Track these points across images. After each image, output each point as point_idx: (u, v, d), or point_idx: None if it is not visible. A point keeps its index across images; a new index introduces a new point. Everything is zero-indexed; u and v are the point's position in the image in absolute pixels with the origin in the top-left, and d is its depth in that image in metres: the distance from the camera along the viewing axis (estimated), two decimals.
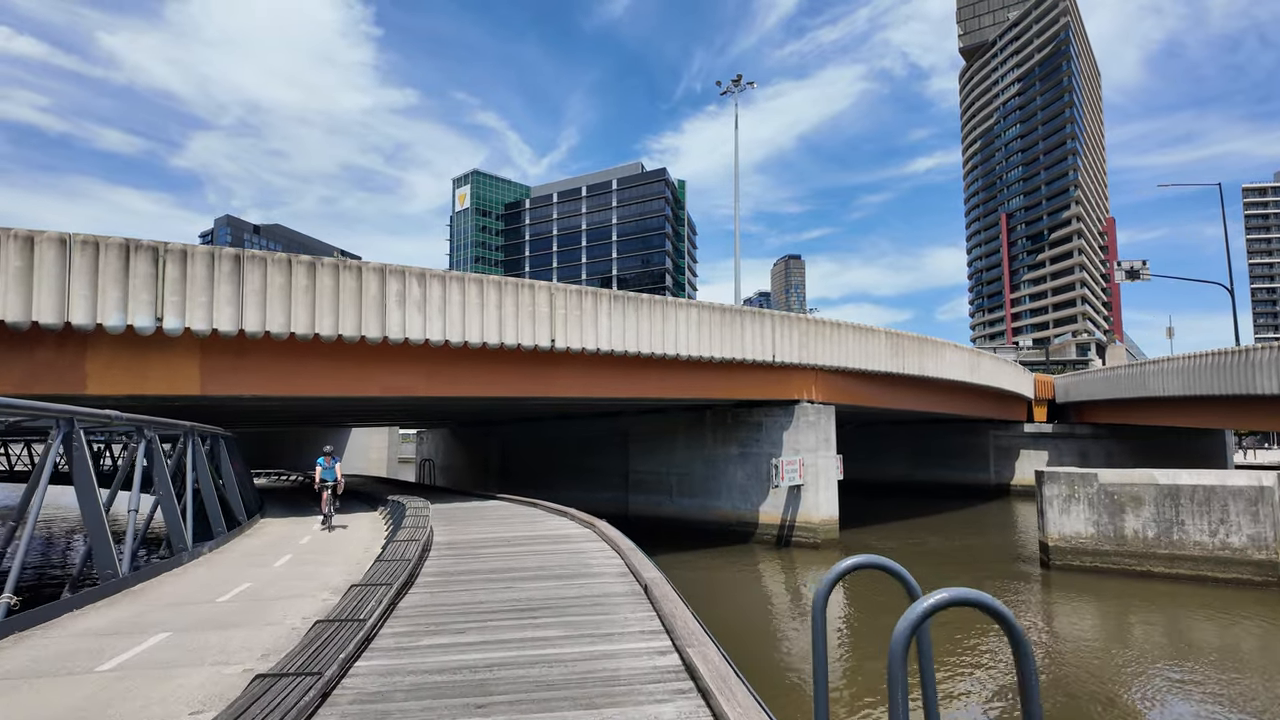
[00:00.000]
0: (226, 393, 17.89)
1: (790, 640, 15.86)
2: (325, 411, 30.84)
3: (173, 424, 12.92)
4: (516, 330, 20.52)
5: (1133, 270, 49.60)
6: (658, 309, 23.43)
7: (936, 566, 24.72)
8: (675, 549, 27.28)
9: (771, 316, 26.61)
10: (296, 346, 18.26)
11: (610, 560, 10.45)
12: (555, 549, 11.67)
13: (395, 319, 18.69)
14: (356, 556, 12.75)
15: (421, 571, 9.57)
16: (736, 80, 54.75)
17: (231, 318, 16.78)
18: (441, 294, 19.38)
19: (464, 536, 13.50)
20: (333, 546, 14.42)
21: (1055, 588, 21.62)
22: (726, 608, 18.85)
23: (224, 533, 14.46)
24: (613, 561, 10.30)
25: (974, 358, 38.88)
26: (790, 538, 27.57)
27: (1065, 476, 23.16)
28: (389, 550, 10.31)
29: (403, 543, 10.85)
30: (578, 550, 11.55)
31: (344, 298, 18.07)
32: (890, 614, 17.77)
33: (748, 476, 28.83)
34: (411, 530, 12.14)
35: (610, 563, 10.26)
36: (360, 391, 19.45)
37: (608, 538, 12.11)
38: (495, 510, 20.37)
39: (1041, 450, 51.27)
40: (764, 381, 27.25)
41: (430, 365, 20.31)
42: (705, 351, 24.50)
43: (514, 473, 42.61)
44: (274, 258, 17.41)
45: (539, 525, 15.59)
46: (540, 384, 22.25)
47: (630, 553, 10.10)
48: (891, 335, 31.56)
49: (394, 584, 7.62)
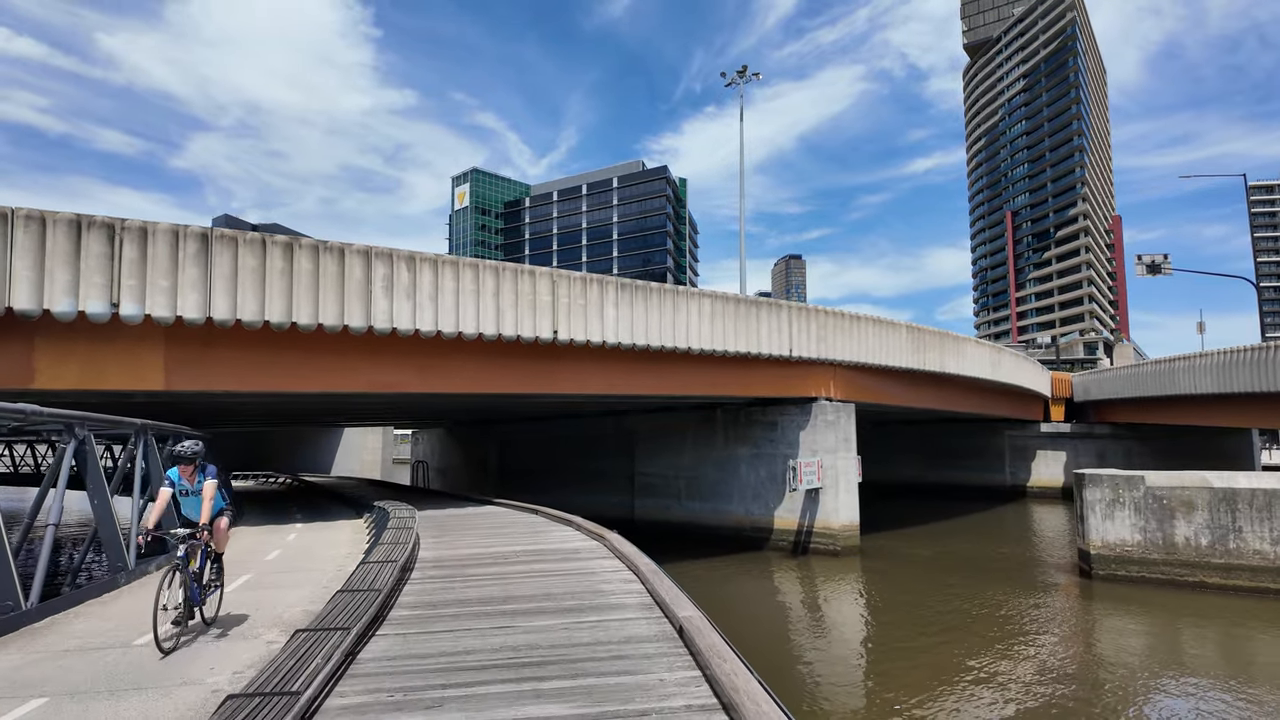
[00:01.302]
0: (195, 388, 16.16)
1: (816, 662, 14.15)
2: (311, 410, 29.09)
3: (118, 421, 11.18)
4: (516, 321, 18.79)
5: (1154, 264, 47.86)
6: (668, 299, 21.70)
7: (974, 577, 22.99)
8: (685, 556, 25.55)
9: (789, 308, 24.88)
10: (272, 337, 16.53)
11: (628, 585, 8.70)
12: (561, 569, 9.93)
13: (382, 307, 16.95)
14: (328, 576, 10.99)
15: (397, 602, 7.78)
16: (741, 72, 53.13)
17: (198, 304, 15.05)
18: (433, 280, 17.64)
19: (454, 552, 11.78)
20: (302, 563, 12.62)
21: (1098, 599, 19.92)
22: (742, 622, 17.12)
23: None
24: (632, 587, 8.54)
25: (995, 354, 37.16)
26: (808, 544, 25.83)
27: (1109, 479, 21.43)
28: (357, 575, 8.48)
29: (377, 564, 9.01)
30: (587, 570, 9.83)
31: (325, 283, 16.33)
32: (901, 613, 16.12)
33: (762, 479, 27.10)
34: (390, 547, 10.32)
35: (628, 589, 8.51)
36: (344, 387, 17.71)
37: (622, 555, 10.37)
38: (492, 518, 18.62)
39: (1059, 451, 49.55)
40: (780, 378, 25.52)
41: (421, 359, 18.57)
42: (719, 345, 22.77)
43: (513, 475, 40.83)
44: (246, 237, 15.68)
45: (541, 537, 13.86)
46: (541, 380, 20.52)
47: (652, 576, 8.35)
48: (912, 329, 29.84)
49: (352, 629, 5.84)
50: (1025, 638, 16.00)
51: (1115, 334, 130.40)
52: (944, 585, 21.55)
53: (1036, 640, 15.81)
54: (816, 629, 17.14)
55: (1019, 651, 14.91)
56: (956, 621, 17.47)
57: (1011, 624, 17.18)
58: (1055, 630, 16.77)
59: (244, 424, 40.93)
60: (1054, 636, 16.24)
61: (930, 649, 15.13)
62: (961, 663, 14.06)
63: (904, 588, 21.13)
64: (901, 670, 13.67)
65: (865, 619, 17.95)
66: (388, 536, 11.45)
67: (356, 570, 8.81)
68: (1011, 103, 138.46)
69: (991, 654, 14.73)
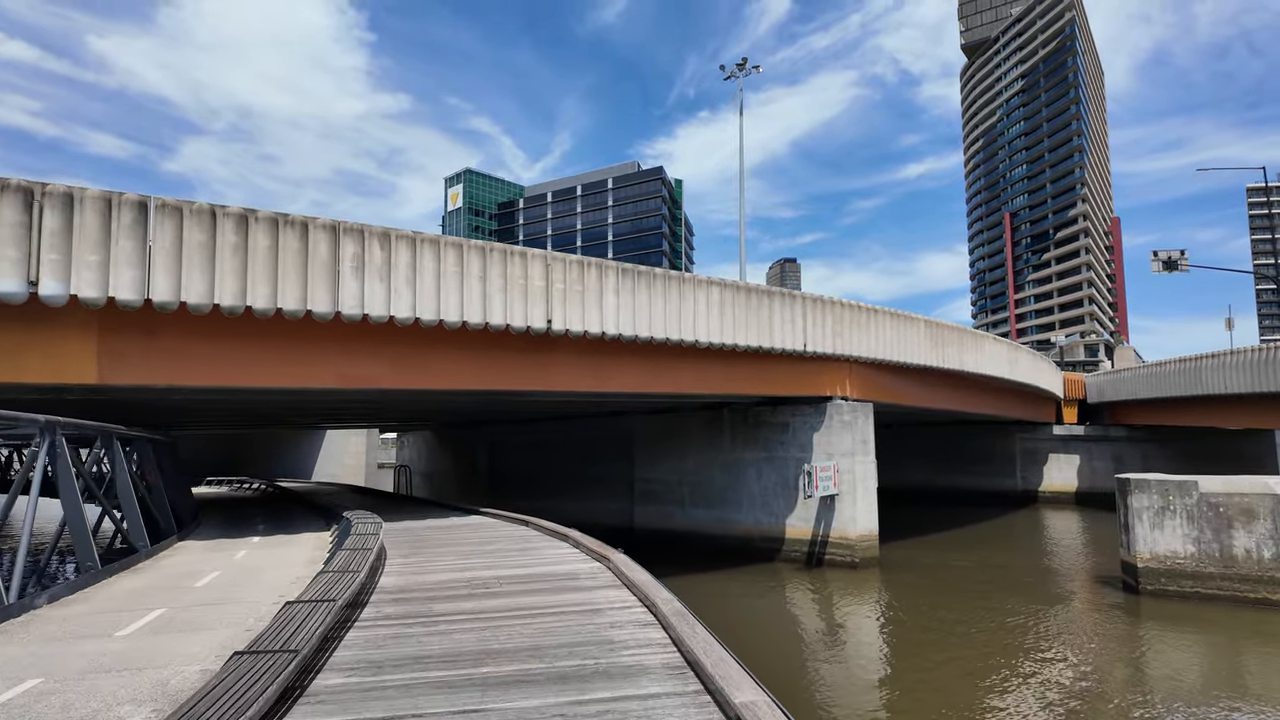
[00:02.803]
0: (134, 382, 14.05)
1: (842, 695, 12.13)
2: (280, 410, 26.87)
3: (13, 419, 9.06)
4: (505, 308, 16.74)
5: (1170, 260, 45.97)
6: (674, 286, 19.69)
7: (1008, 592, 21.00)
8: (689, 569, 23.50)
9: (803, 299, 22.90)
10: (225, 324, 14.44)
11: (646, 633, 6.59)
12: (556, 604, 7.86)
13: (351, 290, 14.87)
14: (260, 612, 8.78)
15: (327, 663, 5.58)
16: (741, 65, 51.40)
17: (134, 282, 12.94)
18: (411, 260, 15.57)
19: (424, 577, 9.72)
20: (236, 592, 10.35)
21: (1148, 618, 17.99)
22: (757, 647, 15.08)
23: (95, 569, 10.60)
24: (651, 636, 6.44)
25: (1012, 351, 35.30)
26: (823, 556, 23.82)
27: (1157, 484, 19.50)
28: (278, 622, 6.24)
29: (308, 603, 6.86)
30: (589, 606, 7.77)
31: (285, 260, 14.24)
32: (938, 634, 14.05)
33: (772, 485, 25.08)
34: (334, 577, 8.06)
35: (647, 639, 6.41)
36: (309, 383, 15.62)
37: (632, 584, 8.29)
38: (476, 531, 16.53)
39: (1072, 454, 47.71)
40: (793, 374, 23.53)
41: (398, 350, 16.50)
42: (729, 338, 20.76)
43: (504, 481, 38.68)
44: (193, 207, 13.59)
45: (532, 556, 11.80)
46: (533, 376, 18.47)
47: (678, 621, 6.26)
48: (931, 324, 27.93)
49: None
50: (1073, 665, 14.11)
51: (1115, 336, 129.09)
52: (976, 602, 19.57)
53: (1085, 668, 13.98)
54: (839, 654, 15.11)
55: (1067, 682, 13.05)
56: (996, 645, 15.51)
57: (1057, 649, 15.27)
58: (1105, 655, 14.95)
59: (209, 425, 38.53)
60: (1104, 662, 14.46)
61: (972, 680, 13.19)
62: (1008, 698, 12.09)
63: (932, 605, 19.13)
64: (938, 704, 11.68)
65: (893, 642, 15.93)
66: (338, 560, 9.27)
67: (282, 611, 6.64)
68: (1010, 103, 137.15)
69: (1039, 683, 12.91)
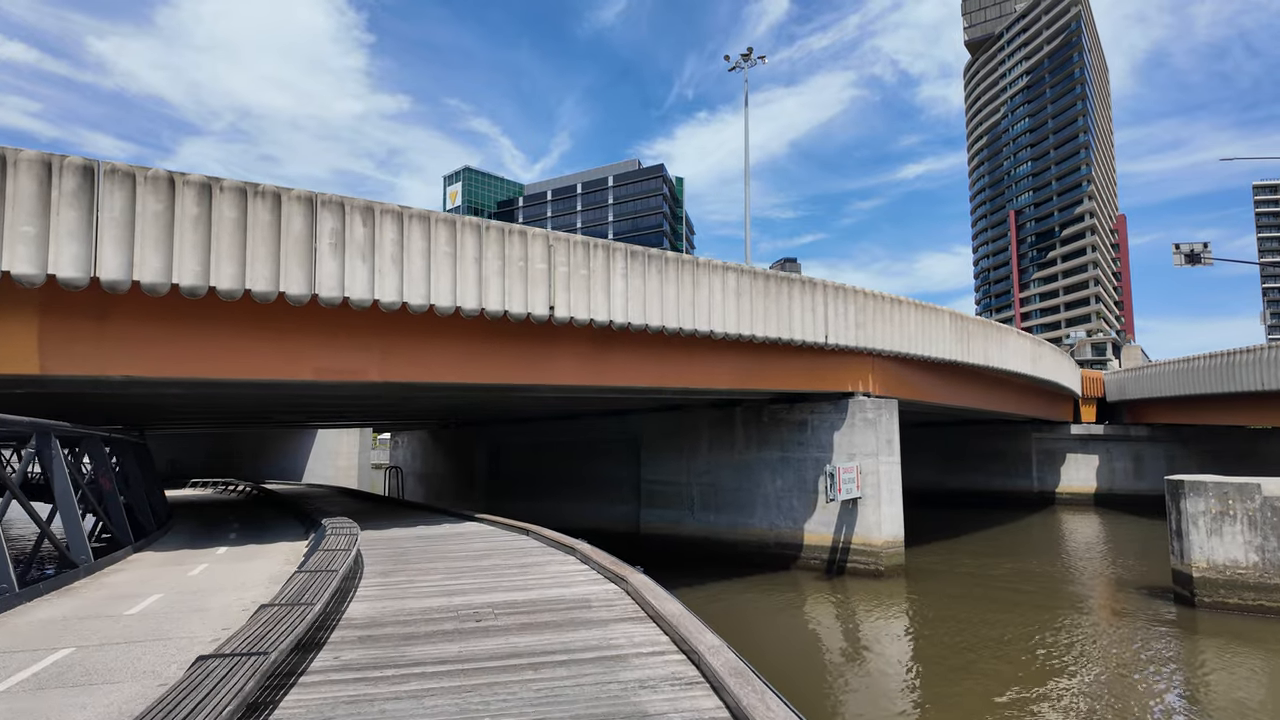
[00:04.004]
0: (85, 373, 12.43)
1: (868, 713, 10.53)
2: (258, 406, 25.17)
3: None
4: (503, 293, 15.12)
5: (1193, 253, 44.45)
6: (688, 271, 18.07)
7: (1050, 605, 19.36)
8: (700, 577, 21.90)
9: (823, 287, 21.29)
10: (186, 308, 12.82)
11: (694, 700, 4.62)
12: (566, 649, 6.10)
13: (330, 270, 13.25)
14: (193, 648, 7.06)
15: None
16: (746, 55, 49.85)
17: (78, 258, 11.32)
18: (398, 238, 13.95)
19: (404, 604, 8.08)
20: (174, 624, 8.52)
21: (1208, 635, 16.38)
22: (779, 665, 13.46)
23: (10, 592, 8.90)
24: (701, 707, 4.66)
25: (1036, 347, 33.69)
26: (844, 563, 22.20)
27: (1214, 487, 17.89)
28: (177, 695, 4.41)
29: (232, 660, 5.08)
30: (610, 651, 6.05)
31: (254, 235, 12.62)
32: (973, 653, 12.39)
33: (789, 487, 23.46)
34: (283, 612, 6.30)
35: (695, 711, 4.64)
36: (284, 375, 13.99)
37: (661, 617, 6.56)
38: (469, 542, 14.88)
39: (1090, 454, 46.11)
40: (813, 369, 21.91)
41: (385, 339, 14.88)
42: (745, 329, 19.14)
43: (503, 483, 37.03)
44: (147, 173, 11.97)
45: (534, 574, 10.17)
46: (534, 368, 16.85)
47: (737, 683, 4.42)
48: (956, 316, 26.33)
49: None
50: (1131, 690, 12.57)
51: (1121, 335, 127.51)
52: (1015, 616, 17.94)
53: (1145, 693, 12.45)
54: (871, 678, 13.47)
55: (1127, 710, 11.45)
56: (1043, 667, 13.91)
57: (1112, 672, 13.76)
58: (1164, 678, 13.52)
59: (186, 423, 36.73)
60: (1164, 686, 13.03)
61: (1024, 708, 11.59)
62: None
63: (969, 620, 17.51)
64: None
65: (930, 663, 14.29)
66: (293, 587, 7.45)
67: (194, 669, 4.85)
68: (1014, 100, 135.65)
69: (1095, 713, 11.26)
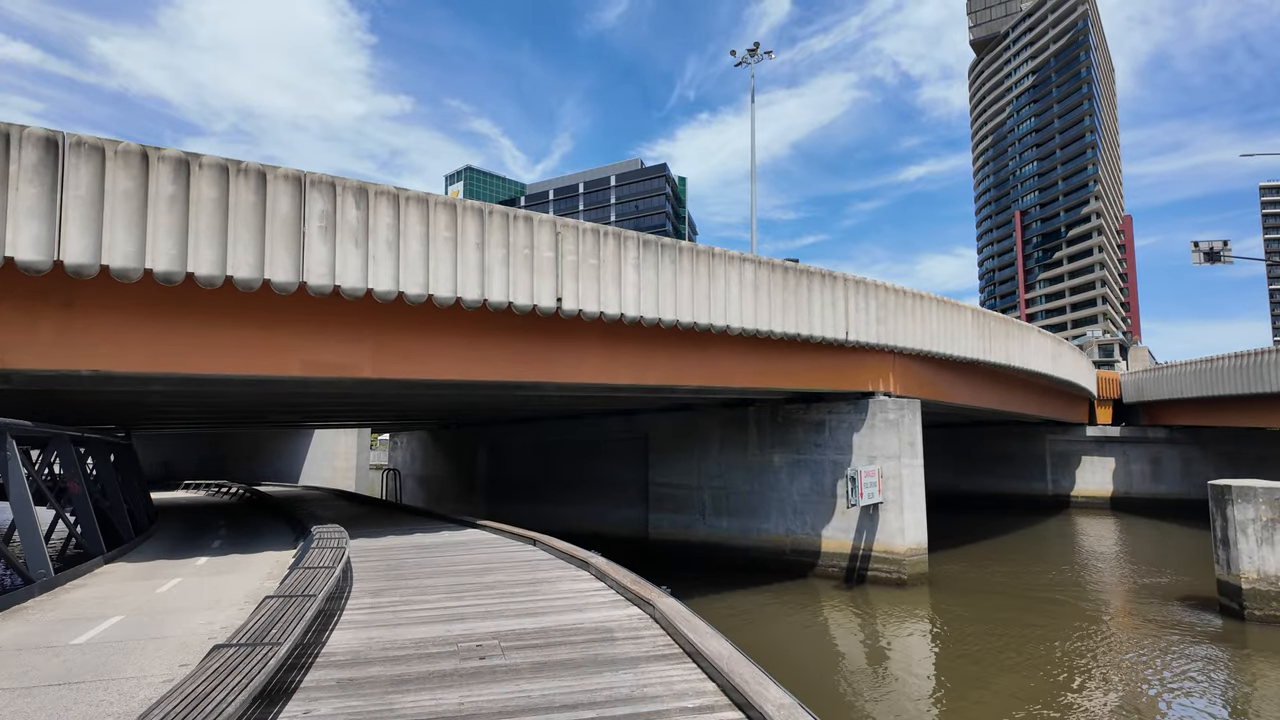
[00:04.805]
0: (49, 366, 11.37)
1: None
2: (252, 405, 24.04)
3: None
4: (507, 283, 14.05)
5: (1212, 251, 43.38)
6: (703, 262, 17.00)
7: (1090, 618, 18.24)
8: (713, 586, 20.82)
9: (843, 280, 20.20)
10: (163, 296, 11.76)
11: None
12: (591, 700, 4.89)
13: (319, 255, 12.18)
14: (140, 693, 5.98)
15: None
16: (753, 50, 48.83)
17: (39, 240, 10.25)
18: (393, 221, 12.88)
19: (395, 632, 7.02)
20: (119, 661, 7.47)
21: (1259, 650, 15.31)
22: (802, 683, 12.36)
23: None
24: None
25: (1056, 346, 32.62)
26: (865, 571, 21.11)
27: (1265, 493, 16.80)
28: None
29: None
30: (648, 703, 4.84)
31: (237, 217, 11.55)
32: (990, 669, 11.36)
33: (806, 491, 22.37)
34: (240, 655, 5.07)
35: None
36: (270, 370, 12.92)
37: (702, 656, 5.40)
38: (471, 553, 13.77)
39: (1106, 457, 45.00)
40: (832, 367, 20.83)
41: (379, 332, 13.81)
42: (764, 324, 18.07)
43: (505, 485, 35.93)
44: (119, 147, 10.90)
45: (544, 594, 9.08)
46: (540, 365, 15.78)
47: None
48: (978, 313, 25.26)
49: None
50: (1186, 712, 11.44)
51: (1128, 336, 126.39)
52: (1052, 631, 16.83)
53: (1202, 717, 11.30)
54: (904, 696, 12.37)
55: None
56: (1094, 683, 12.78)
57: (1163, 690, 12.67)
58: (1219, 697, 12.37)
59: (174, 423, 35.52)
60: (1218, 706, 11.85)
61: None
62: None
63: (1004, 636, 16.40)
64: None
65: (965, 685, 13.18)
66: (260, 617, 6.21)
67: None
68: (1020, 100, 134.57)
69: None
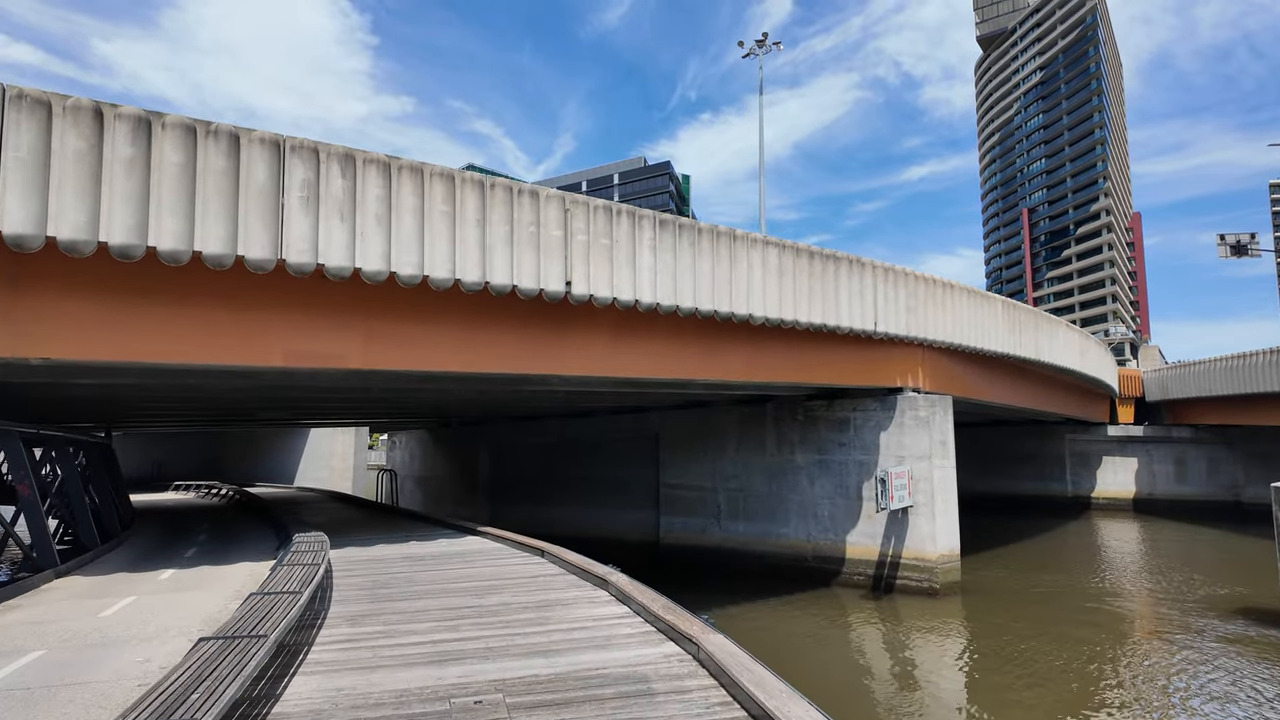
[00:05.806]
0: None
1: None
2: (237, 402, 22.62)
3: None
4: (511, 263, 12.68)
5: (1239, 245, 41.85)
6: (724, 245, 15.62)
7: (1142, 629, 16.83)
8: (730, 594, 19.46)
9: (871, 267, 18.82)
10: (122, 274, 10.41)
11: None
12: None
13: (300, 230, 10.81)
14: None
15: None
16: (761, 41, 47.51)
17: None
18: (383, 193, 11.52)
19: (370, 680, 5.59)
20: (18, 719, 6.02)
21: None
22: (833, 697, 10.99)
23: None
24: None
25: (1083, 340, 31.25)
26: (893, 580, 19.72)
27: None
28: None
29: None
30: None
31: (206, 185, 10.19)
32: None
33: (829, 493, 20.99)
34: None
35: None
36: (247, 360, 11.56)
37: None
38: (471, 566, 12.41)
39: (1129, 457, 43.57)
40: (858, 360, 19.46)
41: (369, 317, 12.45)
42: (788, 313, 16.69)
43: (509, 487, 34.56)
44: (68, 102, 9.55)
45: (558, 624, 7.73)
46: (546, 356, 14.42)
47: None
48: (1008, 304, 23.96)
49: None
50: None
51: (1138, 335, 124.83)
52: (1107, 644, 15.42)
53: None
54: (914, 709, 10.98)
55: None
56: (1161, 702, 11.37)
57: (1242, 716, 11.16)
58: None
59: (154, 421, 33.99)
60: None
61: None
62: None
63: (1053, 650, 15.00)
64: None
65: (1012, 707, 11.79)
66: (188, 667, 4.54)
67: None
68: (1027, 96, 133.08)
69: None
